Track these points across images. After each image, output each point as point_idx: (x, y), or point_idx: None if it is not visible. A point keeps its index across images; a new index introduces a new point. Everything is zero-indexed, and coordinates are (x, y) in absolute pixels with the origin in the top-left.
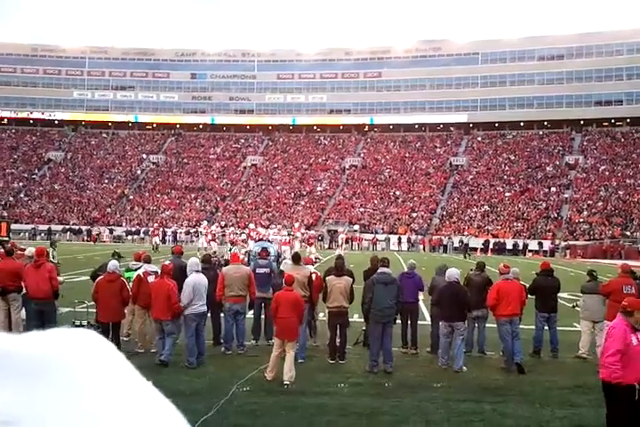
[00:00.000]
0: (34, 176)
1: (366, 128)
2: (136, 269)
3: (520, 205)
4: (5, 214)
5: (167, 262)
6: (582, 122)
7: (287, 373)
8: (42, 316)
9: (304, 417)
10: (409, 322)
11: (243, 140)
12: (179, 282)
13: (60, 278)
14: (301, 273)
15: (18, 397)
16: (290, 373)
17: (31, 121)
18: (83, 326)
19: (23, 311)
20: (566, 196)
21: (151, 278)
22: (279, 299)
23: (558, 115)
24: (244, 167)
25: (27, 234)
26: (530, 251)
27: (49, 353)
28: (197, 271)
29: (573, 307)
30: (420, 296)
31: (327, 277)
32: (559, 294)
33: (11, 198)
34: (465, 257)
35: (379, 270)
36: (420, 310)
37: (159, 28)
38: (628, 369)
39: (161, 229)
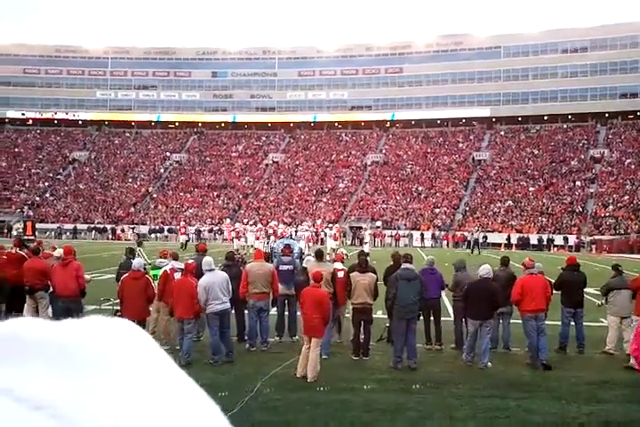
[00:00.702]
0: (59, 176)
1: (388, 124)
2: (162, 267)
3: (544, 200)
4: (31, 214)
5: (190, 261)
6: (607, 115)
7: (310, 371)
8: (68, 314)
9: (328, 413)
10: (431, 318)
11: (264, 138)
12: None
13: (87, 277)
14: (325, 270)
15: (50, 383)
16: (313, 371)
17: (55, 121)
18: None
19: (50, 309)
20: (591, 190)
21: (178, 275)
22: (305, 295)
23: (582, 108)
24: (266, 165)
25: (53, 233)
26: (555, 246)
27: (83, 340)
28: (211, 270)
29: (599, 306)
30: (443, 292)
31: (351, 274)
32: (585, 290)
33: (37, 198)
34: (472, 253)
35: (402, 266)
36: (444, 306)
37: (180, 28)
38: None
39: (188, 227)
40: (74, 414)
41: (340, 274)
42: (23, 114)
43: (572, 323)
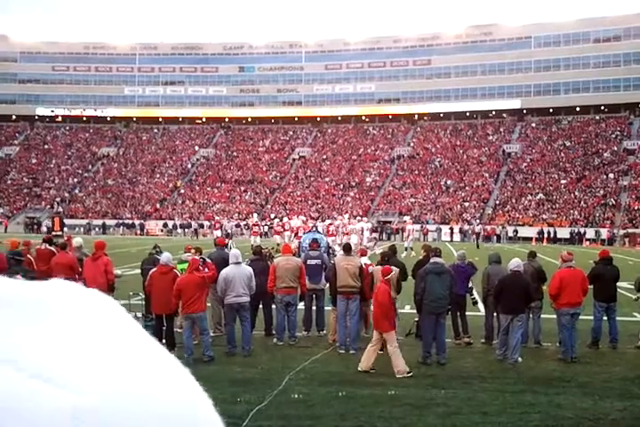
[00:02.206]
0: (88, 172)
1: (416, 117)
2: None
3: (576, 193)
4: (61, 210)
5: (194, 257)
6: None
7: (395, 366)
8: None
9: (356, 408)
10: (458, 313)
11: (291, 133)
12: None
13: (118, 272)
14: (352, 264)
15: (16, 336)
16: (398, 366)
17: (84, 118)
18: (137, 318)
19: None
20: (625, 183)
21: (205, 270)
22: (376, 289)
23: (615, 98)
24: (293, 159)
25: (82, 229)
26: (587, 240)
27: (47, 297)
28: (237, 263)
29: (636, 300)
30: (470, 284)
31: (373, 268)
32: (618, 284)
33: (66, 194)
34: (478, 246)
35: (431, 260)
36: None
37: (207, 23)
38: None
39: (222, 222)
40: (35, 366)
41: (369, 269)
42: (52, 111)
43: (605, 317)
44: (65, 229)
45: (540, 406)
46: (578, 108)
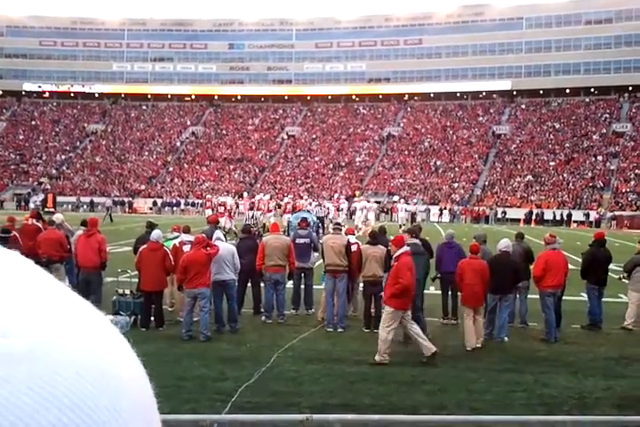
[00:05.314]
0: (76, 149)
1: (406, 97)
2: (174, 238)
3: (565, 175)
4: (49, 187)
5: (199, 235)
6: (631, 88)
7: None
8: (88, 285)
9: (344, 385)
10: (449, 292)
11: (281, 111)
12: None
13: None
14: (338, 242)
15: None
16: (480, 338)
17: (72, 94)
18: (125, 295)
19: (67, 281)
20: (613, 166)
21: (186, 248)
22: (464, 267)
23: (606, 81)
24: (283, 138)
25: (70, 206)
26: (575, 222)
27: None
28: (219, 239)
29: (620, 279)
30: None
31: (362, 247)
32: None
33: (54, 171)
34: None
35: (408, 241)
36: None
37: None
38: None
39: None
40: None
41: (354, 247)
42: (40, 87)
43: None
44: (56, 206)
45: (526, 384)
46: (568, 90)
